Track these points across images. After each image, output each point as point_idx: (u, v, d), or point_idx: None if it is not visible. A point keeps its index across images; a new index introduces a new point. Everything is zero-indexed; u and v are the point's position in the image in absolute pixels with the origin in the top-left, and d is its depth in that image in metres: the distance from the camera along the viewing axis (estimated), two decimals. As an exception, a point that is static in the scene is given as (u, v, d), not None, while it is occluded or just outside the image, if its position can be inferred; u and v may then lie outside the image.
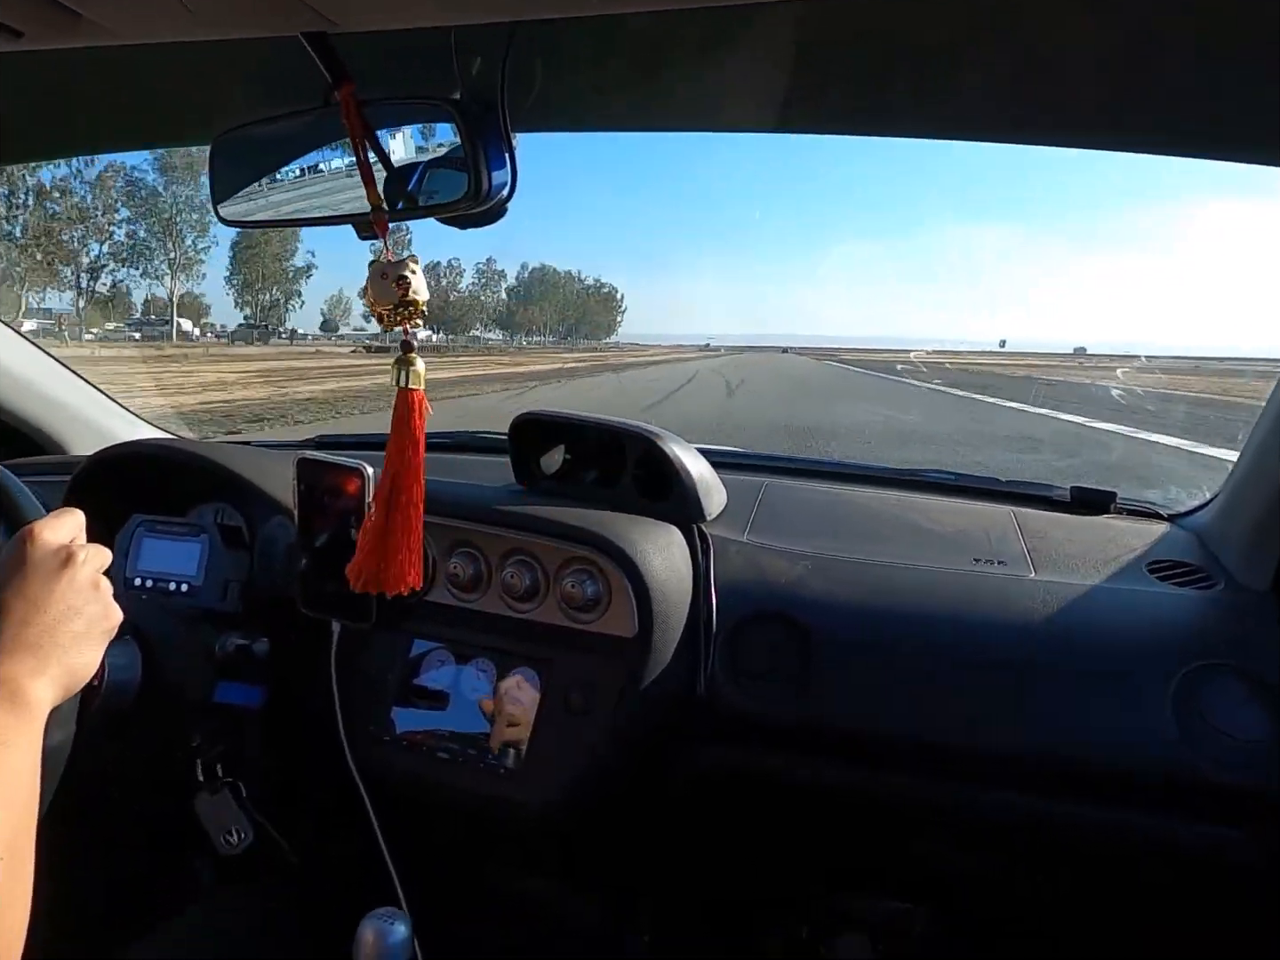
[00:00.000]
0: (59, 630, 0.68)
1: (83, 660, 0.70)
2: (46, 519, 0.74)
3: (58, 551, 0.71)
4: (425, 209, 0.73)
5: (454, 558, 1.11)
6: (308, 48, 0.64)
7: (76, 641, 0.70)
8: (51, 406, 1.59)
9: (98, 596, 0.73)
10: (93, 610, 0.72)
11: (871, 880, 1.36)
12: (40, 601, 0.68)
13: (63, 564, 0.71)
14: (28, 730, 0.63)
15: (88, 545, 0.75)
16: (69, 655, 0.69)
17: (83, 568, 0.72)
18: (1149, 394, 16.31)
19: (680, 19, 0.71)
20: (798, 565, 1.16)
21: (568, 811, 1.04)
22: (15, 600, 0.67)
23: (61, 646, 0.68)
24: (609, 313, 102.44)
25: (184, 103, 1.00)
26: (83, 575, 0.72)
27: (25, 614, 0.67)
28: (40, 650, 0.67)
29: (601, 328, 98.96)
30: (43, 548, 0.71)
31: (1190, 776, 0.97)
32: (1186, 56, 0.71)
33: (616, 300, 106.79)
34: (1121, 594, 1.11)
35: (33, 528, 0.72)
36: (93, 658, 0.72)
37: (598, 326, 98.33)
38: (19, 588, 0.68)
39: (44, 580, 0.69)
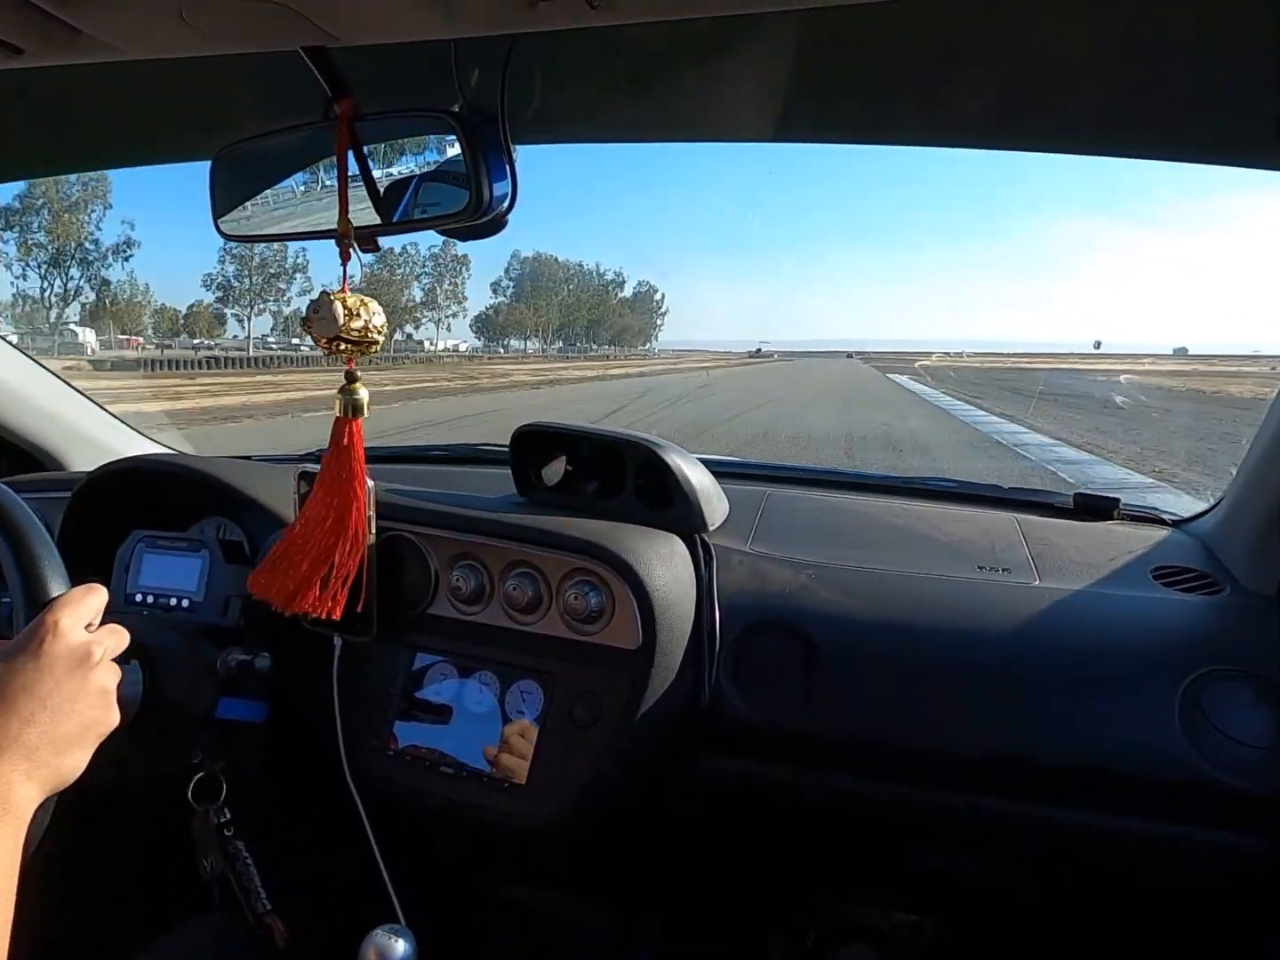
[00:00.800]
0: (59, 731, 0.67)
1: (74, 763, 0.69)
2: (70, 604, 0.72)
3: (76, 649, 0.70)
4: (426, 221, 0.73)
5: (456, 570, 1.11)
6: (308, 62, 0.64)
7: (72, 745, 0.68)
8: (51, 422, 1.59)
9: (104, 701, 0.71)
10: (95, 715, 0.70)
11: (877, 890, 1.35)
12: (48, 701, 0.67)
13: (78, 663, 0.69)
14: (11, 833, 0.62)
15: (105, 639, 0.73)
16: (62, 758, 0.67)
17: (96, 670, 0.71)
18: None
19: (680, 30, 0.71)
20: (801, 574, 1.15)
21: (573, 824, 1.03)
22: (23, 697, 0.66)
23: (57, 749, 0.67)
24: (640, 315, 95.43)
25: (183, 118, 1.00)
26: (95, 679, 0.70)
27: (31, 712, 0.66)
28: (36, 754, 0.65)
29: (630, 332, 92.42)
30: (63, 642, 0.69)
31: (1198, 782, 0.97)
32: (1189, 62, 0.71)
33: (653, 301, 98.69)
34: (1127, 600, 1.11)
35: (58, 620, 0.70)
36: (83, 759, 0.70)
37: (625, 331, 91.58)
38: (30, 683, 0.67)
39: (57, 680, 0.68)
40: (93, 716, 0.70)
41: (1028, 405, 19.23)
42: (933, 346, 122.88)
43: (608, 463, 1.24)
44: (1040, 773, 1.01)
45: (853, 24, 0.69)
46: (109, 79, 0.81)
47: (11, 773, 0.63)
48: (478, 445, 1.70)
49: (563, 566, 1.07)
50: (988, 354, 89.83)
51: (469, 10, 0.54)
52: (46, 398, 1.59)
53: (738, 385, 26.38)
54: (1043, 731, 1.01)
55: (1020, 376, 33.05)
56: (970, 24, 0.69)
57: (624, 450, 1.22)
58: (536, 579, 1.08)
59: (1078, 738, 0.99)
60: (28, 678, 0.67)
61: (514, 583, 1.08)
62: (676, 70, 0.80)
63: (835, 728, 1.06)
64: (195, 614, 1.13)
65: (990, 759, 1.02)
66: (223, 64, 0.66)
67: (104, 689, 0.72)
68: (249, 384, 24.52)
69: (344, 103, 0.69)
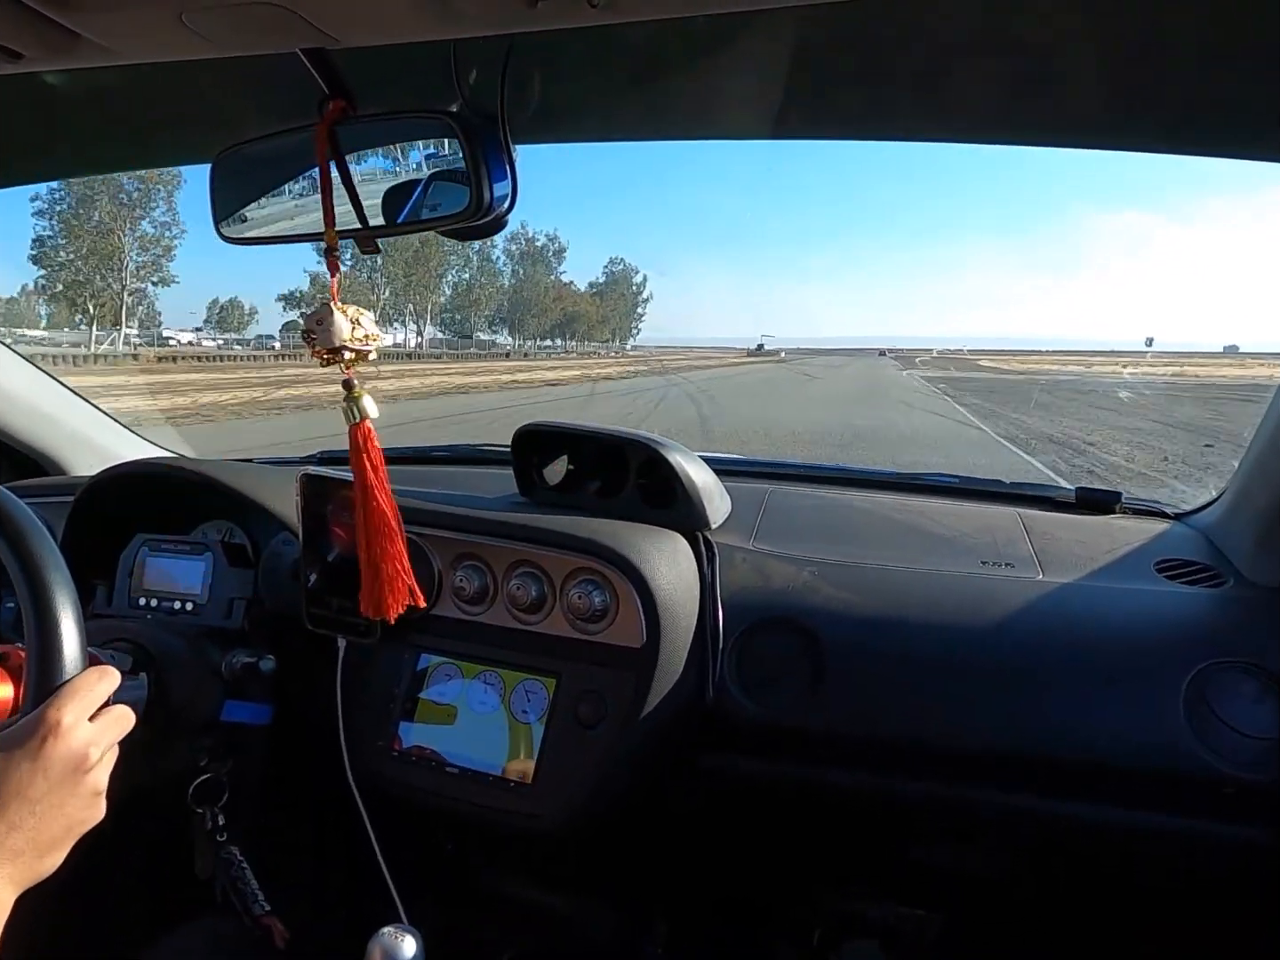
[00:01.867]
0: (44, 835, 0.66)
1: (52, 861, 0.67)
2: (77, 696, 0.70)
3: (75, 752, 0.68)
4: (427, 222, 0.73)
5: (459, 571, 1.11)
6: (307, 64, 0.64)
7: (54, 846, 0.67)
8: (52, 427, 1.59)
9: (93, 802, 0.70)
10: (82, 816, 0.69)
11: (882, 885, 1.35)
12: (38, 805, 0.65)
13: (75, 767, 0.68)
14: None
15: (105, 737, 0.71)
16: (43, 859, 0.66)
17: (92, 774, 0.69)
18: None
19: (679, 28, 0.71)
20: (804, 571, 1.15)
21: (579, 823, 1.03)
22: (14, 801, 0.64)
23: (40, 852, 0.66)
24: (609, 302, 79.38)
25: (183, 122, 1.00)
26: (89, 783, 0.69)
27: (19, 818, 0.64)
28: (20, 858, 0.64)
29: (585, 322, 75.34)
30: (64, 743, 0.67)
31: (1204, 774, 0.97)
32: (1193, 53, 0.71)
33: (629, 285, 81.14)
34: (1131, 594, 1.11)
35: (60, 721, 0.68)
36: (60, 858, 0.68)
37: (576, 321, 74.36)
38: (23, 787, 0.65)
39: (51, 785, 0.66)
40: (79, 818, 0.69)
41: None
42: (971, 343, 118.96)
43: (609, 462, 1.24)
44: (1045, 766, 1.01)
45: (854, 19, 0.69)
46: (109, 83, 0.81)
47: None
48: (480, 445, 1.70)
49: (566, 566, 1.07)
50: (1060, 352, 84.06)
51: (468, 11, 0.54)
52: (47, 402, 1.59)
53: (696, 412, 17.00)
54: (1047, 725, 1.01)
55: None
56: (970, 17, 0.69)
57: (626, 449, 1.23)
58: (540, 578, 1.08)
59: (1083, 731, 1.00)
60: (22, 780, 0.65)
61: (517, 582, 1.08)
62: (676, 69, 0.80)
63: (840, 724, 1.06)
64: (199, 617, 1.13)
65: (995, 753, 1.02)
66: (221, 66, 0.66)
67: (96, 789, 0.70)
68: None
69: (333, 104, 0.68)
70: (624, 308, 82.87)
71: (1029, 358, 65.95)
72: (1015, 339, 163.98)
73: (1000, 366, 45.92)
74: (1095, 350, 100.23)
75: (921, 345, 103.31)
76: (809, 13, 0.67)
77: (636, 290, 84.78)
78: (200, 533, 1.26)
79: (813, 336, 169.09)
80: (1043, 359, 57.35)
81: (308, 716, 1.11)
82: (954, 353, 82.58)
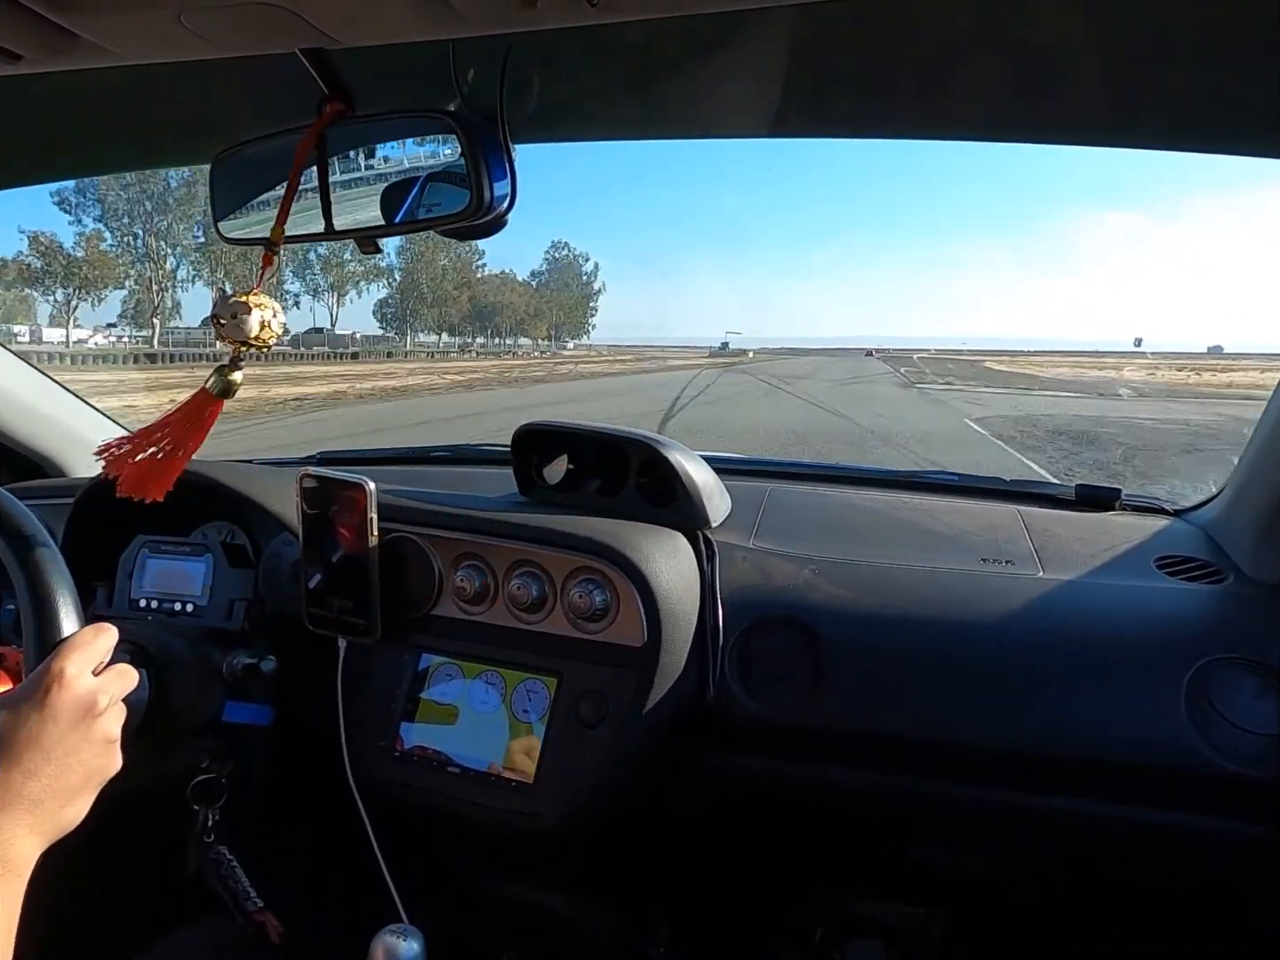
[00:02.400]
0: (62, 783, 0.66)
1: (75, 812, 0.68)
2: (78, 648, 0.71)
3: (82, 699, 0.68)
4: (426, 221, 0.73)
5: (460, 570, 1.11)
6: (306, 64, 0.64)
7: (75, 795, 0.67)
8: (52, 428, 1.59)
9: (107, 749, 0.70)
10: (98, 764, 0.69)
11: (885, 884, 1.35)
12: (52, 753, 0.66)
13: (84, 713, 0.68)
14: (11, 890, 0.61)
15: (111, 686, 0.72)
16: (64, 809, 0.66)
17: (101, 720, 0.70)
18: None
19: (677, 27, 0.71)
20: (805, 569, 1.15)
21: (581, 823, 1.03)
22: (27, 750, 0.65)
23: (59, 799, 0.66)
24: (549, 294, 65.58)
25: (183, 122, 1.00)
26: (100, 729, 0.69)
27: (35, 765, 0.65)
28: (40, 807, 0.64)
29: (510, 315, 60.81)
30: (69, 691, 0.68)
31: (1206, 771, 0.97)
32: (1194, 50, 0.71)
33: (578, 274, 68.24)
34: (1131, 590, 1.11)
35: (63, 669, 0.68)
36: (84, 808, 0.69)
37: (496, 313, 61.46)
38: (35, 735, 0.65)
39: (62, 730, 0.67)
40: (95, 765, 0.69)
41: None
42: (957, 343, 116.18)
43: (609, 461, 1.24)
44: (1046, 764, 1.01)
45: (853, 16, 0.69)
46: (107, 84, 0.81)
47: (14, 828, 0.62)
48: (480, 445, 1.70)
49: (567, 565, 1.07)
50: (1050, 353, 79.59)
51: (468, 10, 0.54)
52: (45, 403, 1.58)
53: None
54: (1048, 722, 1.01)
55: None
56: (971, 14, 0.69)
57: (626, 448, 1.23)
58: (541, 578, 1.08)
59: (1084, 728, 1.00)
60: (32, 729, 0.65)
61: (518, 582, 1.08)
62: (676, 68, 0.80)
63: (841, 722, 1.06)
64: (200, 618, 1.14)
65: (997, 750, 1.02)
66: (220, 67, 0.66)
67: (108, 737, 0.71)
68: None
69: (330, 105, 0.69)
70: (568, 300, 70.13)
71: (1030, 358, 63.34)
72: (999, 339, 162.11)
73: (1017, 372, 37.57)
74: (1084, 351, 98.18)
75: (911, 345, 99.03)
76: (808, 11, 0.67)
77: (586, 280, 72.22)
78: (200, 534, 1.25)
79: (788, 336, 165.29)
80: (1050, 360, 54.85)
81: (309, 717, 1.11)
82: (952, 353, 79.72)
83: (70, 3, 0.53)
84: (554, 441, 1.30)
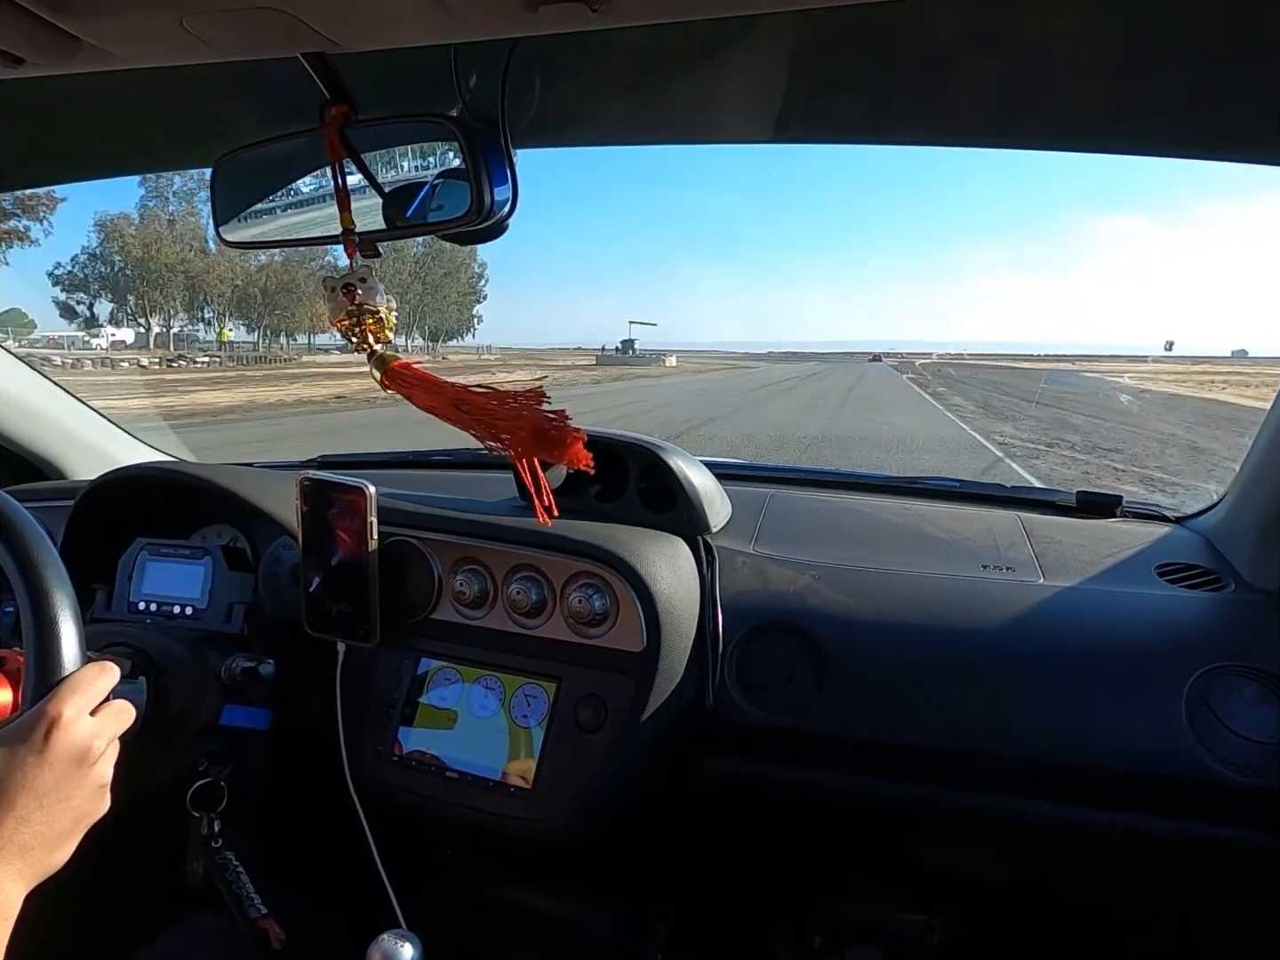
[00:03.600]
0: (53, 829, 0.66)
1: (62, 855, 0.68)
2: (77, 691, 0.70)
3: (79, 745, 0.68)
4: (428, 225, 0.73)
5: (459, 574, 1.11)
6: (308, 68, 0.64)
7: (63, 839, 0.67)
8: (52, 431, 1.59)
9: (99, 794, 0.70)
10: (89, 809, 0.69)
11: (884, 890, 1.35)
12: (45, 799, 0.65)
13: (79, 759, 0.68)
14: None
15: (108, 729, 0.72)
16: (53, 854, 0.66)
17: (97, 765, 0.69)
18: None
19: (678, 33, 0.71)
20: (805, 575, 1.15)
21: (580, 828, 1.03)
22: (21, 795, 0.65)
23: (49, 845, 0.66)
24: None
25: (183, 126, 1.00)
26: (94, 775, 0.69)
27: (27, 811, 0.64)
28: (29, 853, 0.64)
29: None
30: (66, 736, 0.67)
31: (1207, 779, 0.96)
32: (1190, 57, 0.71)
33: (456, 264, 52.96)
34: (1132, 598, 1.11)
35: (61, 714, 0.68)
36: (70, 850, 0.69)
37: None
38: (29, 781, 0.65)
39: (56, 777, 0.66)
40: (85, 810, 0.69)
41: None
42: (967, 347, 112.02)
43: (610, 466, 1.24)
44: (1047, 771, 1.01)
45: (852, 23, 0.69)
46: (109, 88, 0.81)
47: (4, 873, 0.62)
48: (480, 449, 1.70)
49: (566, 570, 1.07)
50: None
51: (469, 15, 0.54)
52: (47, 406, 1.59)
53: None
54: (1049, 729, 1.00)
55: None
56: (970, 21, 0.69)
57: (626, 453, 1.23)
58: (540, 582, 1.08)
59: (1085, 735, 0.99)
60: (27, 774, 0.65)
61: (517, 586, 1.07)
62: (676, 73, 0.80)
63: (841, 728, 1.06)
64: (199, 621, 1.13)
65: (997, 757, 1.02)
66: (222, 71, 0.66)
67: (101, 781, 0.70)
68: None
69: (336, 109, 0.69)
70: (426, 287, 55.43)
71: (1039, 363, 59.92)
72: (1011, 344, 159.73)
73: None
74: (1116, 355, 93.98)
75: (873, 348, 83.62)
76: (808, 17, 0.67)
77: (470, 282, 57.93)
78: (200, 537, 1.26)
79: (702, 340, 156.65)
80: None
81: (307, 721, 1.10)
82: (953, 358, 72.71)
83: (72, 6, 0.53)
84: None
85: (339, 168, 0.70)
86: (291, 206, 0.80)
